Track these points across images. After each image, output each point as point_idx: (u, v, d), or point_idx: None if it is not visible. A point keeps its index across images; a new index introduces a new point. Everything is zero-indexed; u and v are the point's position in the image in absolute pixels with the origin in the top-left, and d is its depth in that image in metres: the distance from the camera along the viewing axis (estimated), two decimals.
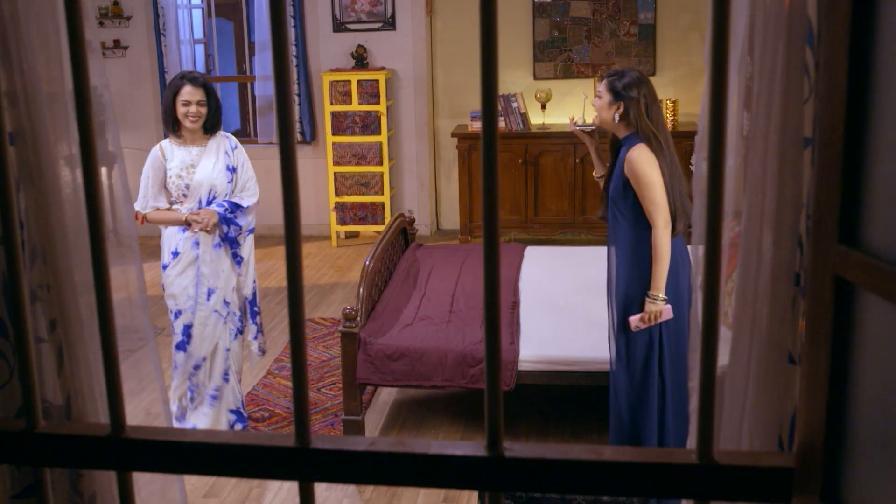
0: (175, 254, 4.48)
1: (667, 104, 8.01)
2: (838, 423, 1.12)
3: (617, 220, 4.07)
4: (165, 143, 4.52)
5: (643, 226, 3.95)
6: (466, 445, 1.24)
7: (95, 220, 1.27)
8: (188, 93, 4.41)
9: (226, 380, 4.64)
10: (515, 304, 5.18)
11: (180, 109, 4.41)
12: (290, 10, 8.53)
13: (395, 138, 8.80)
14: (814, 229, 1.08)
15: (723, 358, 1.54)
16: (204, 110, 4.46)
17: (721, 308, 1.11)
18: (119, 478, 1.36)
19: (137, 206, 4.43)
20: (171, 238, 4.51)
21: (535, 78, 8.60)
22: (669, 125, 8.00)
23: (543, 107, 8.28)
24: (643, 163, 3.88)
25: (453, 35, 8.69)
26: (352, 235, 8.91)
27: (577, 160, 8.04)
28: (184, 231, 4.46)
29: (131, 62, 8.95)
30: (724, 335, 1.64)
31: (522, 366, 4.63)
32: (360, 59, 8.51)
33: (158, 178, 4.46)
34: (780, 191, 1.38)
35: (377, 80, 8.32)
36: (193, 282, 4.50)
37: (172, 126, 4.47)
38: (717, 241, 1.10)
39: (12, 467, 1.62)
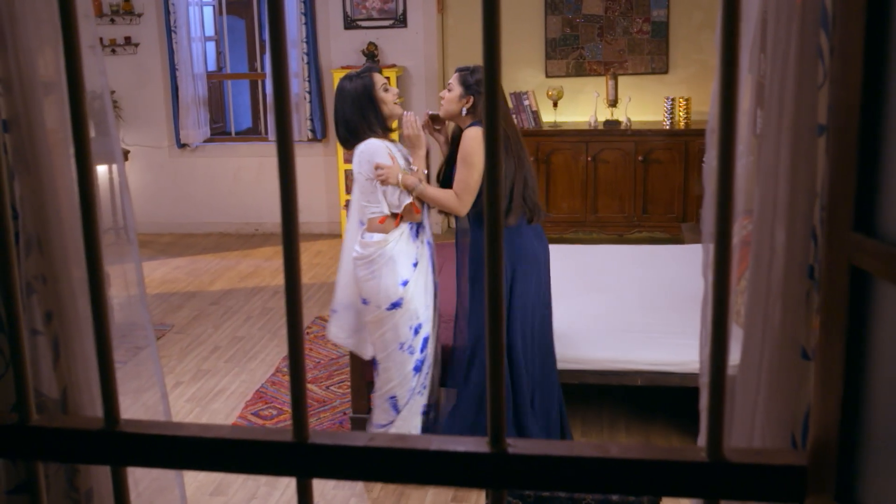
0: (415, 265, 4.09)
1: (679, 102, 7.96)
2: (853, 419, 1.08)
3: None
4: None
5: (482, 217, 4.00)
6: (469, 441, 1.21)
7: (89, 212, 1.24)
8: (381, 78, 4.07)
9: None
10: None
11: (385, 95, 4.04)
12: (301, 7, 8.51)
13: None
14: (828, 217, 1.04)
15: (734, 356, 1.50)
16: None
17: (733, 307, 1.07)
18: (113, 472, 1.33)
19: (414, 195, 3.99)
20: (408, 248, 4.08)
21: (547, 76, 8.55)
22: (682, 123, 7.94)
23: (555, 105, 8.23)
24: (476, 142, 3.94)
25: (464, 32, 8.66)
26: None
27: (590, 158, 7.99)
28: (416, 237, 4.11)
29: (142, 59, 8.94)
30: (736, 334, 1.60)
31: None
32: (372, 57, 8.48)
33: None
34: (793, 180, 1.34)
35: (388, 78, 8.27)
36: (427, 287, 4.16)
37: (381, 121, 4.05)
38: (727, 237, 1.06)
39: (8, 463, 1.59)
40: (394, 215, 4.04)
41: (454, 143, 4.20)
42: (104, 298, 1.26)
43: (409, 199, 3.99)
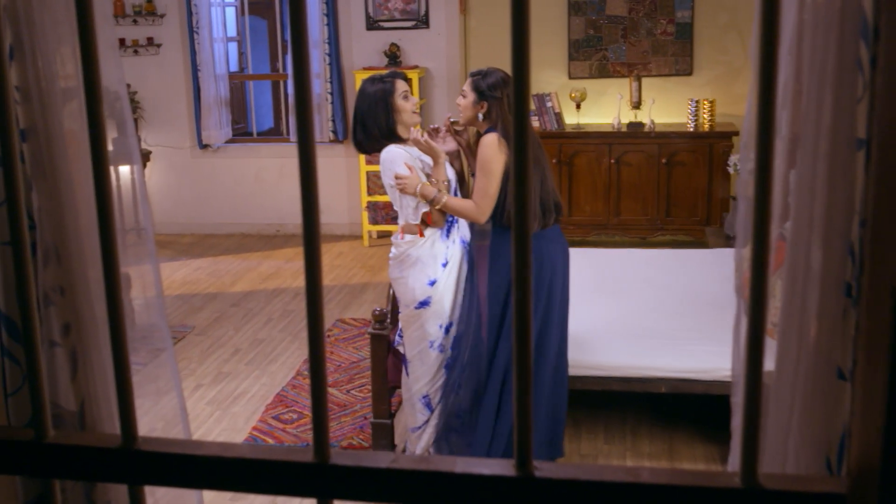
0: (445, 264, 4.09)
1: (703, 104, 7.89)
2: (894, 447, 1.04)
3: None
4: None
5: (500, 222, 4.02)
6: (494, 464, 1.17)
7: (106, 222, 1.21)
8: (404, 85, 4.11)
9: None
10: None
11: (403, 104, 4.07)
12: (323, 7, 8.49)
13: None
14: (871, 238, 1.00)
15: (766, 365, 1.46)
16: None
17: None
18: (131, 491, 1.30)
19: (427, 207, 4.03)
20: (437, 249, 4.10)
21: (570, 77, 8.51)
22: (707, 125, 7.87)
23: (578, 106, 8.18)
24: (492, 149, 3.95)
25: (487, 33, 8.62)
26: (384, 235, 8.85)
27: (613, 161, 7.94)
28: (447, 236, 4.12)
29: (164, 60, 8.96)
30: (767, 344, 1.56)
31: None
32: (394, 58, 8.46)
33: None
34: (830, 196, 1.30)
35: (410, 79, 8.25)
36: (457, 285, 4.15)
37: (392, 131, 4.09)
38: (765, 253, 1.02)
39: (23, 477, 1.57)
40: (423, 222, 4.08)
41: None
42: (121, 312, 1.23)
43: (425, 209, 4.01)
